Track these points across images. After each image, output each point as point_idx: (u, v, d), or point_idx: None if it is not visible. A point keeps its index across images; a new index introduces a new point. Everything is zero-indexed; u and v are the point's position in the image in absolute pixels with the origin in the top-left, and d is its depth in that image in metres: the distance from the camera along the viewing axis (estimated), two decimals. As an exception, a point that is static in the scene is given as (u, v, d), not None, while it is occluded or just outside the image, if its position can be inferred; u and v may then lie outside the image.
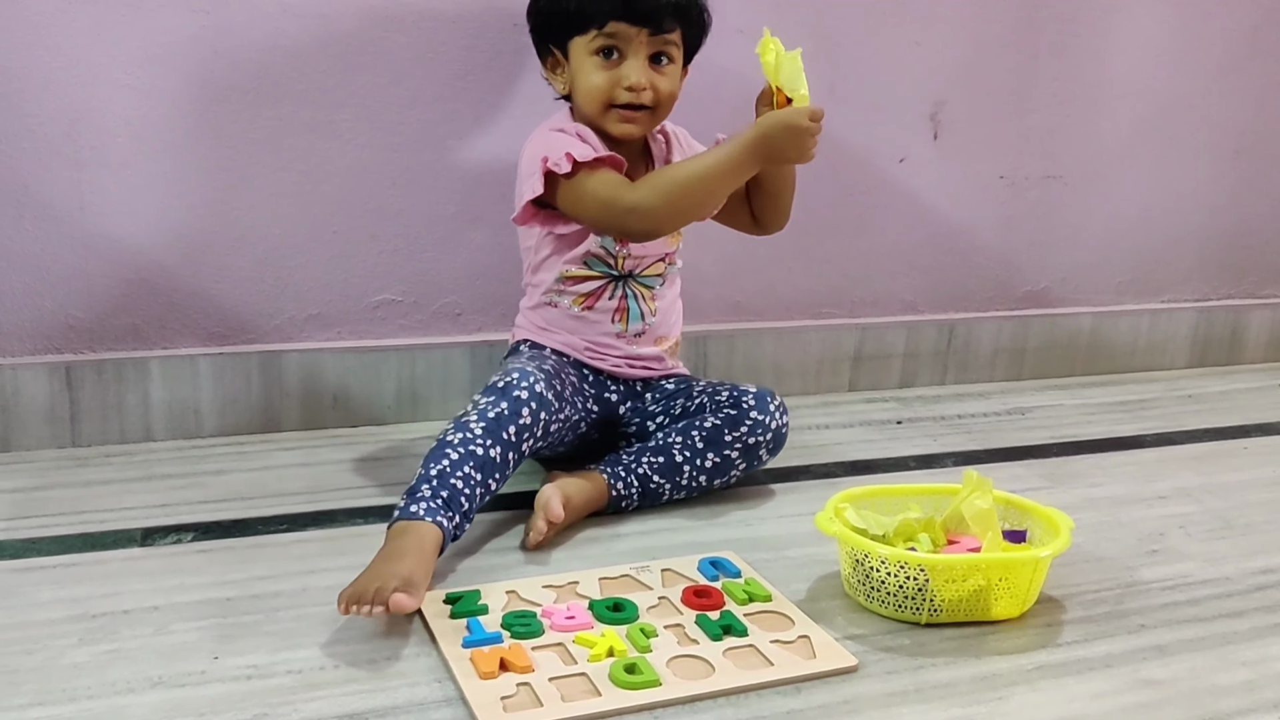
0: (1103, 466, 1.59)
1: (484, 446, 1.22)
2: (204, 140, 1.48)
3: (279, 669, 1.00)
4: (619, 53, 1.35)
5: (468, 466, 1.20)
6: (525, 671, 0.99)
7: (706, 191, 1.34)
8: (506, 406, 1.25)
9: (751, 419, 1.38)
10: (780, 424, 1.40)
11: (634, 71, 1.35)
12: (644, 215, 1.31)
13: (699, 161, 1.34)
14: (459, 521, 1.18)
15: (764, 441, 1.39)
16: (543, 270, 1.45)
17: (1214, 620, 1.15)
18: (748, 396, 1.40)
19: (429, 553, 1.12)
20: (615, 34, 1.34)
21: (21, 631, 1.04)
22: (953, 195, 1.90)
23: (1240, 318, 2.18)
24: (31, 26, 1.38)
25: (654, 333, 1.48)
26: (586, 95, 1.37)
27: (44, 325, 1.48)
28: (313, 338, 1.60)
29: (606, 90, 1.36)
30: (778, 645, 1.05)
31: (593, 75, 1.36)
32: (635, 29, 1.34)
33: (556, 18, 1.38)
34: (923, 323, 1.93)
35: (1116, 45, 1.93)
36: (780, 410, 1.40)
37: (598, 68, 1.36)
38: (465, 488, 1.19)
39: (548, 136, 1.38)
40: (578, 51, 1.37)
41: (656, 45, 1.37)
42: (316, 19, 1.48)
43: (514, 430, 1.24)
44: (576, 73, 1.38)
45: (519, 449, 1.25)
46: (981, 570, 1.09)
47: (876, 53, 1.78)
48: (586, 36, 1.35)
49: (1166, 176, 2.05)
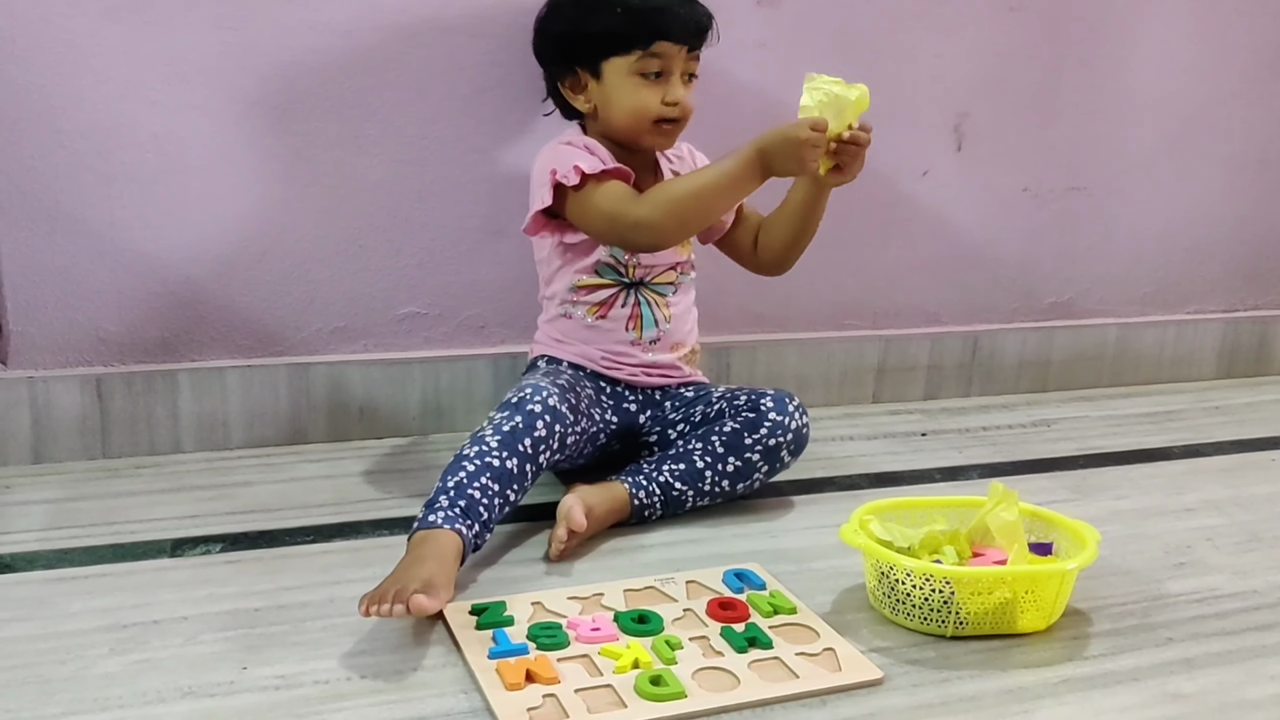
0: (1129, 478, 1.59)
1: (500, 458, 1.23)
2: (231, 156, 1.50)
3: (306, 679, 1.00)
4: (663, 72, 1.40)
5: (484, 477, 1.21)
6: (551, 683, 0.99)
7: (709, 205, 1.38)
8: (521, 420, 1.26)
9: (771, 420, 1.38)
10: (800, 424, 1.40)
11: (677, 88, 1.40)
12: (648, 230, 1.35)
13: (702, 175, 1.37)
14: (478, 530, 1.19)
15: (785, 443, 1.39)
16: (556, 281, 1.47)
17: (1242, 634, 1.14)
18: (766, 399, 1.40)
19: (448, 558, 1.13)
20: (661, 54, 1.38)
21: (54, 641, 1.05)
22: (976, 207, 1.90)
23: (1268, 329, 2.16)
24: (63, 45, 1.40)
25: (669, 339, 1.49)
26: (632, 113, 1.41)
27: (75, 338, 1.50)
28: (339, 350, 1.61)
29: (655, 109, 1.40)
30: (803, 658, 1.05)
31: (638, 93, 1.40)
32: (678, 48, 1.39)
33: (593, 39, 1.40)
34: (947, 334, 1.93)
35: (1139, 57, 1.92)
36: (799, 411, 1.41)
37: (643, 86, 1.40)
38: (483, 498, 1.20)
39: (557, 150, 1.41)
40: (615, 72, 1.40)
41: (691, 63, 1.42)
42: (341, 35, 1.50)
43: (529, 443, 1.25)
44: (613, 91, 1.41)
45: (536, 461, 1.26)
46: (1007, 583, 1.09)
47: (899, 65, 1.78)
48: (629, 57, 1.39)
49: (1191, 187, 2.04)
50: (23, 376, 1.48)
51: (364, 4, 1.50)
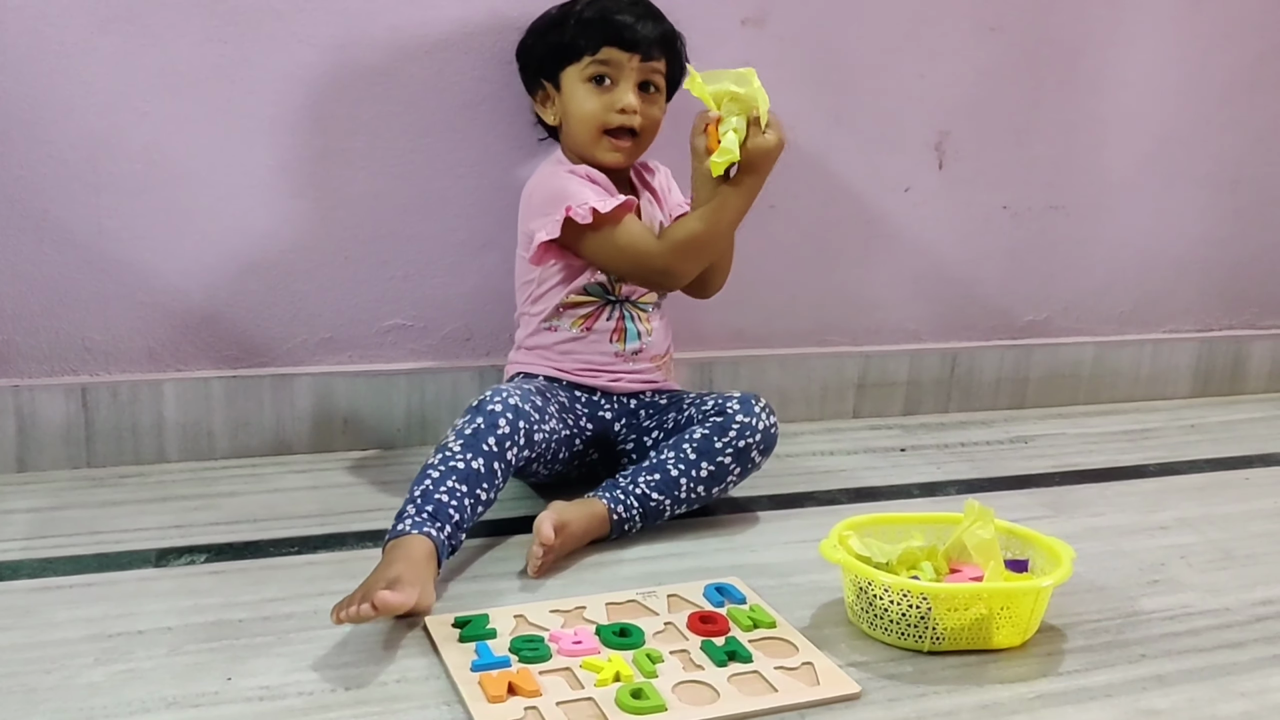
0: (1105, 496, 1.61)
1: (464, 460, 1.24)
2: (220, 168, 1.51)
3: (290, 690, 1.01)
4: (611, 79, 1.43)
5: (451, 480, 1.22)
6: (533, 695, 1.00)
7: (725, 244, 1.47)
8: (483, 420, 1.28)
9: (739, 423, 1.40)
10: (768, 424, 1.42)
11: (625, 94, 1.43)
12: (674, 276, 1.45)
13: (719, 217, 1.41)
14: (451, 531, 1.20)
15: (754, 443, 1.40)
16: (543, 300, 1.49)
17: (1214, 651, 1.16)
18: (732, 402, 1.42)
19: (418, 559, 1.14)
20: (608, 60, 1.42)
21: (39, 651, 1.06)
22: (956, 225, 1.92)
23: (1242, 348, 2.19)
24: (54, 56, 1.41)
25: (650, 352, 1.52)
26: (580, 120, 1.44)
27: (60, 347, 1.50)
28: (324, 361, 1.62)
29: (600, 114, 1.43)
30: (782, 671, 1.07)
31: (586, 101, 1.44)
32: (627, 55, 1.42)
33: (550, 49, 1.46)
34: (926, 351, 1.95)
35: (1119, 78, 1.95)
36: (766, 411, 1.42)
37: (591, 93, 1.44)
38: (451, 500, 1.21)
39: (560, 179, 1.44)
40: (570, 80, 1.44)
41: (645, 73, 1.45)
42: (332, 49, 1.51)
43: (494, 441, 1.27)
44: (569, 100, 1.45)
45: (504, 458, 1.27)
46: (983, 599, 1.11)
47: (882, 84, 1.80)
48: (580, 64, 1.43)
49: (1168, 208, 2.07)
50: (8, 385, 1.48)
51: (354, 19, 1.51)
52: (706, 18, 1.64)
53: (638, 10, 1.44)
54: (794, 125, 1.45)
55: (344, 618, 1.06)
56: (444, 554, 1.19)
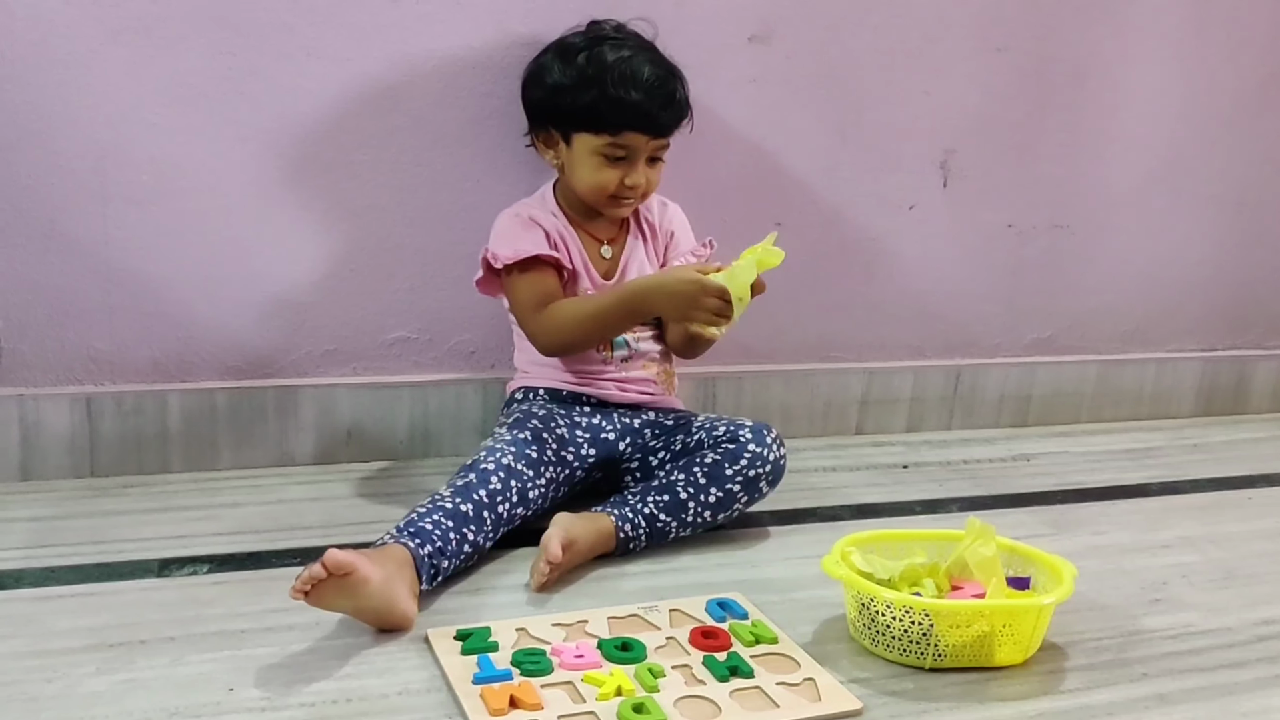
0: (1107, 514, 1.61)
1: (453, 502, 1.26)
2: (226, 179, 1.51)
3: (292, 702, 1.01)
4: (625, 158, 1.44)
5: (436, 515, 1.23)
6: (534, 709, 1.00)
7: (599, 331, 1.46)
8: (475, 477, 1.30)
9: (750, 452, 1.40)
10: (778, 456, 1.42)
11: (637, 174, 1.45)
12: (538, 346, 1.47)
13: (590, 306, 1.44)
14: (431, 552, 1.20)
15: (764, 474, 1.41)
16: None
17: (1216, 670, 1.16)
18: (744, 431, 1.42)
19: (387, 555, 1.15)
20: (627, 144, 1.43)
21: (41, 659, 1.06)
22: (961, 243, 1.93)
23: (1246, 368, 2.20)
24: (62, 66, 1.42)
25: (640, 356, 1.53)
26: (589, 189, 1.47)
27: (66, 357, 1.51)
28: (328, 373, 1.62)
29: (609, 187, 1.45)
30: (783, 687, 1.07)
31: (598, 173, 1.45)
32: (645, 139, 1.44)
33: (568, 113, 1.45)
34: (930, 368, 1.95)
35: (1124, 98, 1.96)
36: (777, 443, 1.43)
37: (603, 167, 1.45)
38: (435, 529, 1.22)
39: (507, 221, 1.49)
40: (582, 146, 1.45)
41: (656, 149, 1.47)
42: (339, 62, 1.52)
43: (484, 493, 1.28)
44: (578, 164, 1.46)
45: (494, 510, 1.28)
46: (985, 616, 1.11)
47: (887, 101, 1.81)
48: (598, 138, 1.43)
49: (1172, 228, 2.07)
50: (13, 394, 1.49)
51: (363, 32, 1.52)
52: (713, 35, 1.65)
53: (663, 92, 1.43)
54: (799, 142, 1.45)
55: (297, 587, 1.07)
56: (423, 569, 1.18)
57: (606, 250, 1.52)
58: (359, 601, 1.10)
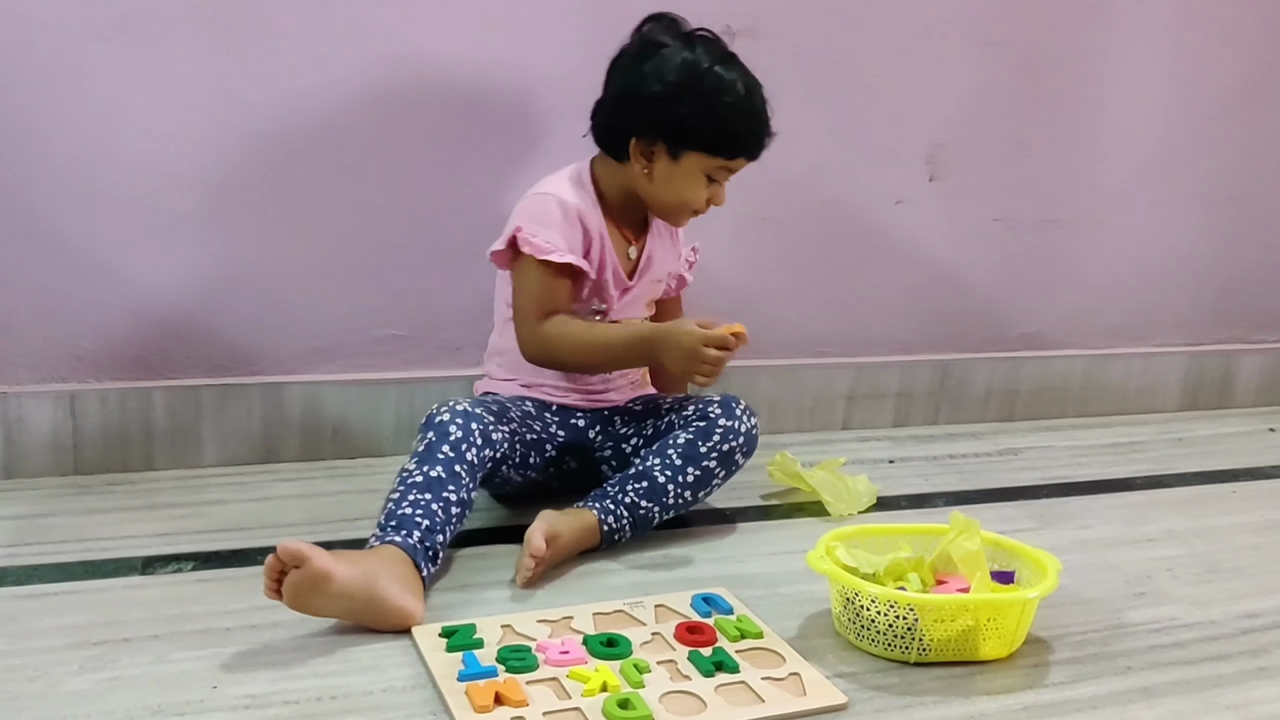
0: (1092, 508, 1.61)
1: (422, 473, 1.25)
2: (212, 177, 1.51)
3: (276, 699, 1.01)
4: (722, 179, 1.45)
5: (412, 494, 1.23)
6: (520, 705, 1.00)
7: (592, 364, 1.46)
8: (432, 434, 1.29)
9: (722, 427, 1.41)
10: (750, 426, 1.43)
11: (723, 194, 1.46)
12: (529, 356, 1.43)
13: (599, 336, 1.42)
14: (420, 535, 1.20)
15: (738, 446, 1.41)
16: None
17: (1199, 663, 1.16)
18: (713, 407, 1.43)
19: (374, 554, 1.16)
20: (734, 168, 1.44)
21: (23, 658, 1.05)
22: (949, 237, 1.93)
23: (1231, 362, 2.20)
24: (49, 66, 1.41)
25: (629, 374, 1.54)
26: (677, 203, 1.45)
27: (50, 355, 1.50)
28: (314, 370, 1.62)
29: (699, 204, 1.45)
30: (769, 682, 1.07)
31: (696, 189, 1.44)
32: (744, 162, 1.44)
33: (689, 129, 1.39)
34: (917, 363, 1.96)
35: (1113, 94, 1.96)
36: (748, 414, 1.43)
37: (703, 186, 1.44)
38: (415, 510, 1.21)
39: (545, 203, 1.42)
40: (693, 163, 1.42)
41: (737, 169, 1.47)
42: (328, 60, 1.51)
43: (447, 447, 1.27)
44: (679, 179, 1.43)
45: (464, 460, 1.27)
46: (970, 610, 1.11)
47: (875, 96, 1.81)
48: (711, 159, 1.42)
49: (1160, 223, 2.08)
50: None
51: (350, 31, 1.51)
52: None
53: (769, 121, 1.43)
54: (785, 137, 1.45)
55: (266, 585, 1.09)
56: (419, 558, 1.18)
57: (633, 250, 1.51)
58: (339, 601, 1.10)
